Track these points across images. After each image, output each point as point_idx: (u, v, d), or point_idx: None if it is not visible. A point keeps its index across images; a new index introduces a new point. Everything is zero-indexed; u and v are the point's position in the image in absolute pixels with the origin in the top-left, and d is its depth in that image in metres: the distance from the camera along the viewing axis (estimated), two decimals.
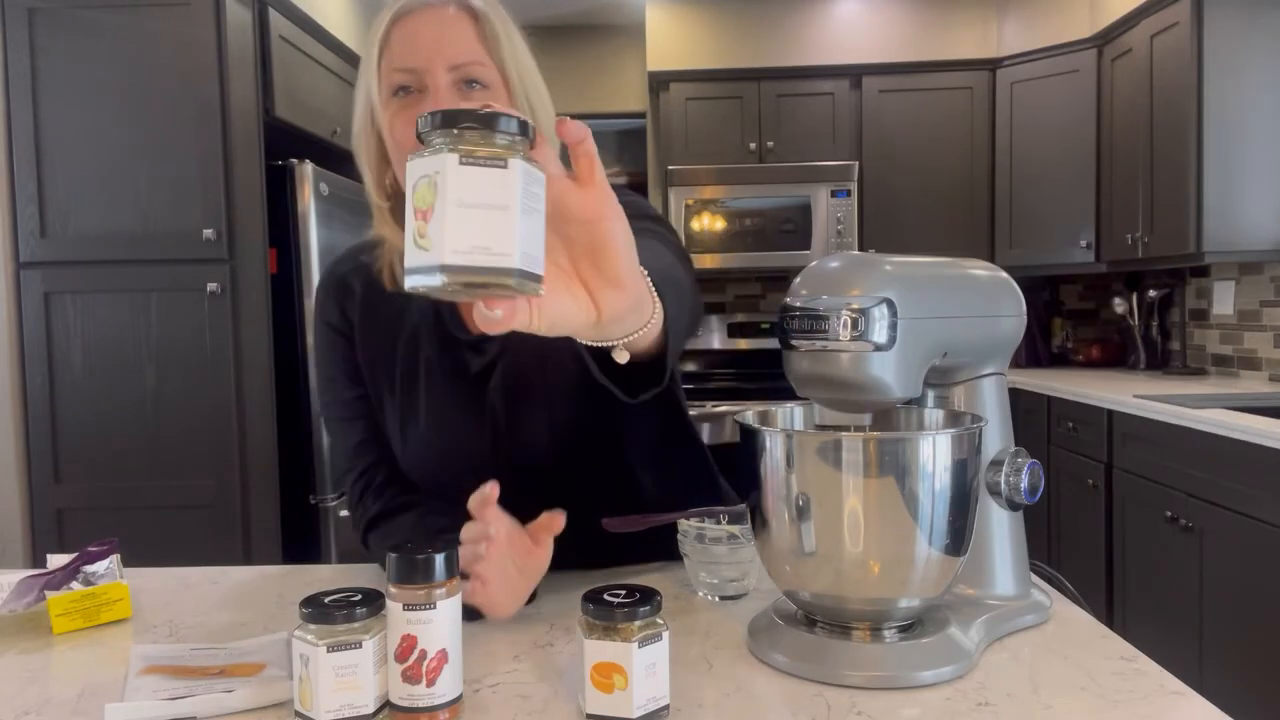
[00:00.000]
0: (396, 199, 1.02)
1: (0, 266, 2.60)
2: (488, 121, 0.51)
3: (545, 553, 0.88)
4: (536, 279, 0.53)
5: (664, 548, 1.04)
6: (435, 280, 0.50)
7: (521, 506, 1.02)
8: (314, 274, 2.85)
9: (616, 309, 0.59)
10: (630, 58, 4.48)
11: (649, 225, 0.95)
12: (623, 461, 1.08)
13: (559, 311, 0.56)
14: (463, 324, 1.06)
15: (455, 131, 0.51)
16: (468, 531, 0.86)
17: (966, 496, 0.77)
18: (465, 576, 0.84)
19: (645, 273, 0.65)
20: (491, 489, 0.85)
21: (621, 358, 0.68)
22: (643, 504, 1.04)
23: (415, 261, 0.51)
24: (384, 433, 1.10)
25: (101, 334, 2.64)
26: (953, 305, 0.84)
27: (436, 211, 0.50)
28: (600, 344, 0.66)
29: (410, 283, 0.52)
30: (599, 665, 0.67)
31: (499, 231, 0.50)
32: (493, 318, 0.53)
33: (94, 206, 2.61)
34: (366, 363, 1.10)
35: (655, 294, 0.67)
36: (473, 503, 0.86)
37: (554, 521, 0.88)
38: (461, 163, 0.50)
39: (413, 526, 1.04)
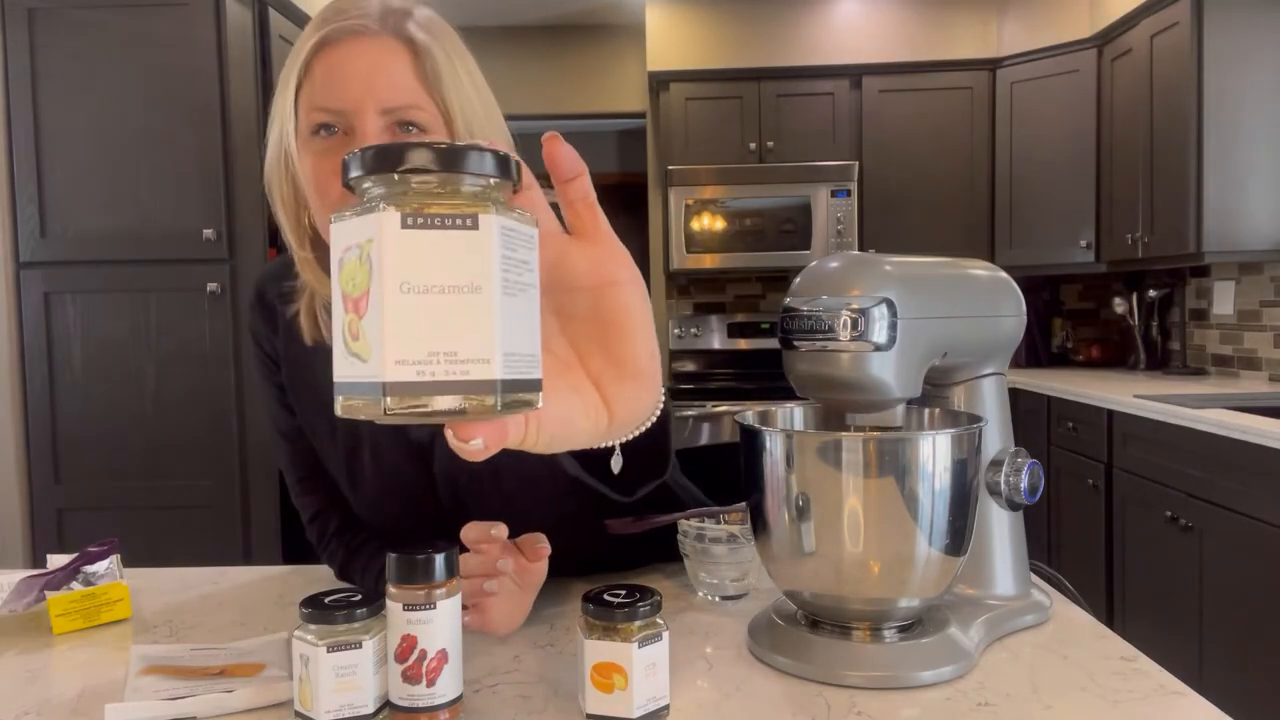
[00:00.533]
0: (319, 248, 0.87)
1: (0, 266, 2.60)
2: (448, 160, 0.35)
3: (542, 565, 0.83)
4: (531, 387, 0.37)
5: (663, 552, 1.03)
6: (376, 406, 0.35)
7: (515, 523, 1.00)
8: None
9: (634, 408, 0.44)
10: (630, 58, 4.48)
11: None
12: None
13: (562, 421, 0.41)
14: None
15: (396, 177, 0.35)
16: (467, 566, 0.79)
17: (966, 496, 0.77)
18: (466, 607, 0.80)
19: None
20: (498, 530, 0.78)
21: (618, 465, 0.58)
22: (627, 553, 1.00)
23: (347, 374, 0.36)
24: (324, 472, 1.02)
25: (101, 334, 2.64)
26: (953, 305, 0.84)
27: (372, 300, 0.34)
28: (611, 442, 0.54)
29: (343, 405, 0.37)
30: (599, 665, 0.67)
31: (469, 326, 0.34)
32: (471, 449, 0.37)
33: (94, 206, 2.61)
34: (300, 412, 0.99)
35: (662, 398, 0.54)
36: (470, 536, 0.79)
37: (536, 555, 0.82)
38: (406, 225, 0.34)
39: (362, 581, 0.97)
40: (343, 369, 0.36)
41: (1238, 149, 2.98)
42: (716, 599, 0.96)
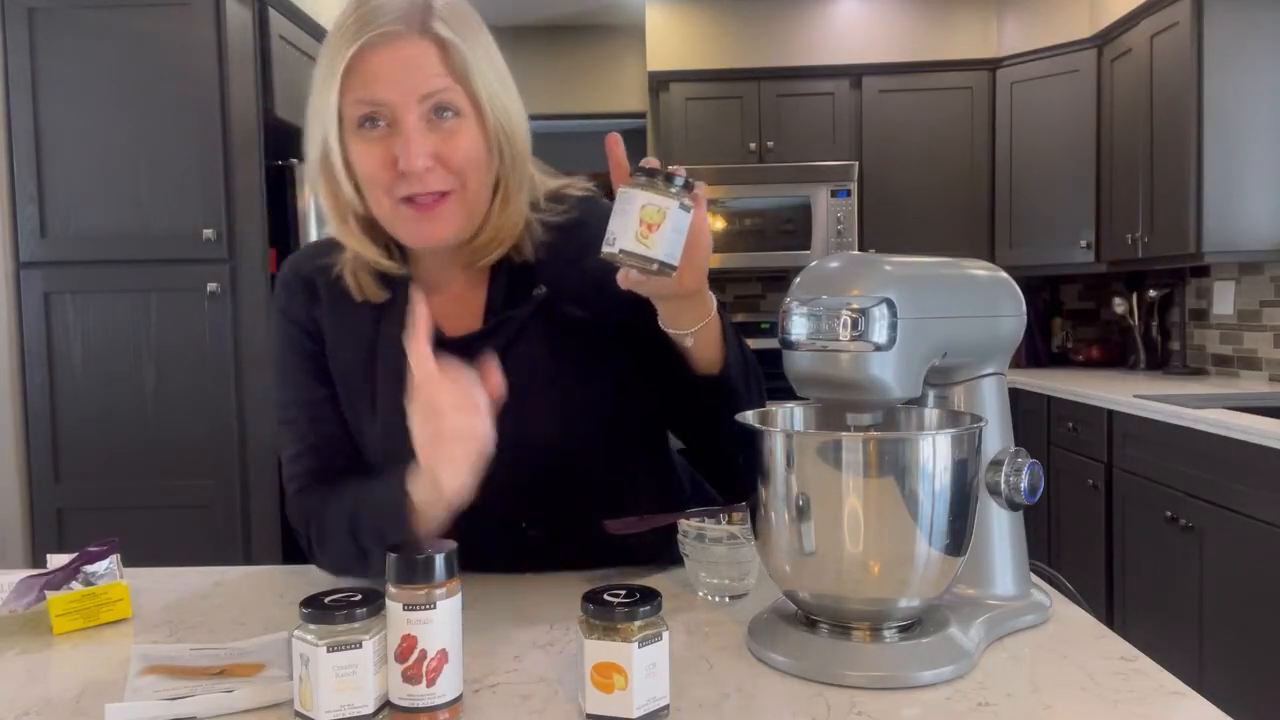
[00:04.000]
0: (364, 223, 0.99)
1: (0, 266, 2.60)
2: (669, 179, 0.82)
3: (487, 422, 0.82)
4: (673, 269, 0.83)
5: (664, 550, 1.04)
6: (651, 265, 0.81)
7: (520, 509, 1.02)
8: None
9: (691, 285, 0.87)
10: (630, 58, 4.48)
11: None
12: (619, 469, 1.07)
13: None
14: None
15: (678, 187, 0.82)
16: (414, 409, 0.82)
17: (966, 496, 0.77)
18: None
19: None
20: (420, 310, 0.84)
21: (686, 342, 0.92)
22: (637, 505, 1.03)
23: (634, 248, 0.81)
24: (339, 442, 1.04)
25: (101, 334, 2.64)
26: (953, 305, 0.84)
27: (662, 228, 0.81)
28: (676, 332, 0.92)
29: (621, 257, 0.82)
30: (599, 665, 0.67)
31: (672, 243, 0.82)
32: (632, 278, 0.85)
33: (94, 206, 2.61)
34: (340, 373, 1.04)
35: (714, 303, 0.92)
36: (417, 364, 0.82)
37: (490, 373, 0.83)
38: (680, 207, 0.81)
39: (350, 512, 0.96)
40: (629, 245, 0.81)
41: (1238, 149, 2.98)
42: (716, 599, 0.96)
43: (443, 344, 0.95)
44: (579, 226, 1.02)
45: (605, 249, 0.83)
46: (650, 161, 0.83)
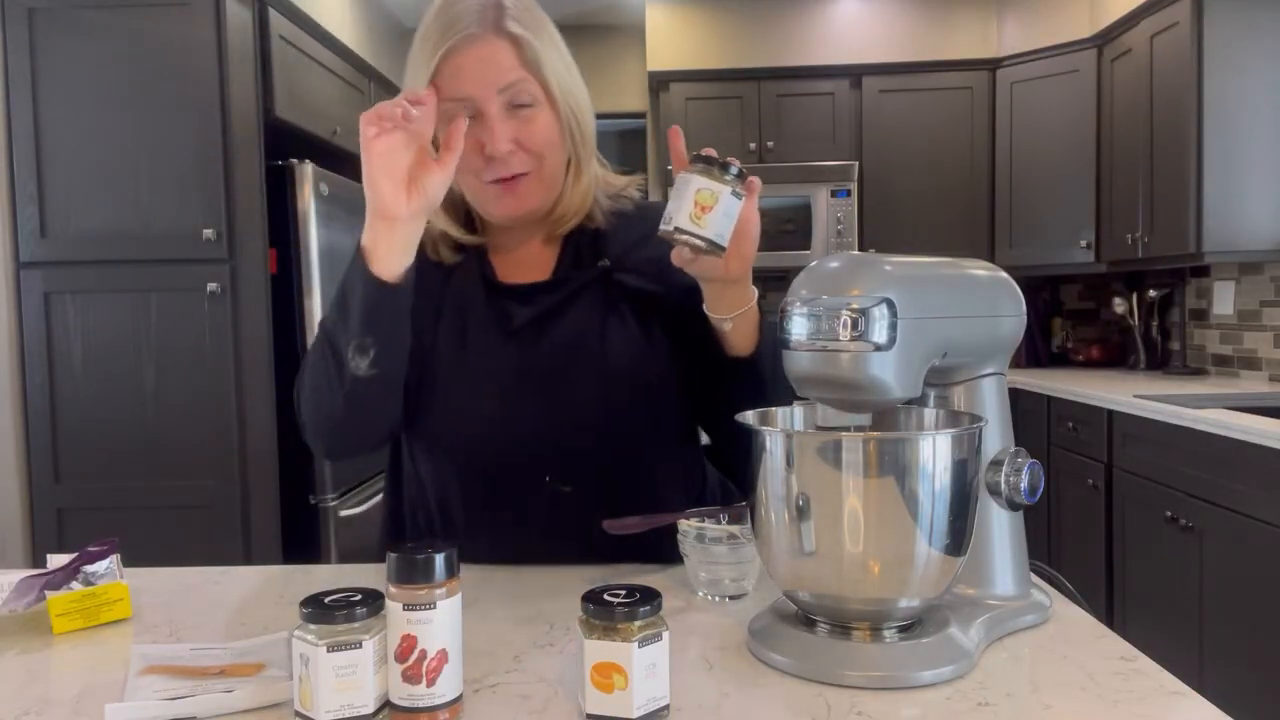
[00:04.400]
0: (449, 202, 1.09)
1: (0, 266, 2.60)
2: (724, 167, 0.91)
3: (445, 174, 0.94)
4: (722, 249, 0.92)
5: (665, 548, 1.04)
6: (701, 244, 0.90)
7: (551, 464, 1.07)
8: (314, 274, 2.85)
9: (736, 272, 0.97)
10: (630, 58, 4.48)
11: None
12: (652, 445, 1.12)
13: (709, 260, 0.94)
14: (495, 278, 1.11)
15: (731, 175, 0.90)
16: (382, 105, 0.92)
17: (966, 496, 0.77)
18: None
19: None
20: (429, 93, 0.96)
21: (725, 326, 1.02)
22: (661, 484, 1.12)
23: (687, 226, 0.89)
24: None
25: (101, 334, 2.64)
26: (953, 305, 0.84)
27: (714, 211, 0.89)
28: (717, 317, 1.02)
29: (676, 235, 0.90)
30: (599, 665, 0.67)
31: (724, 225, 0.91)
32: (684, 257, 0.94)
33: (94, 206, 2.61)
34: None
35: (756, 294, 1.03)
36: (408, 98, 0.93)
37: (454, 135, 0.95)
38: (733, 193, 0.90)
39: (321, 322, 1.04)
40: (684, 224, 0.90)
41: (1238, 149, 2.98)
42: (716, 599, 0.96)
43: (505, 291, 1.10)
44: (640, 219, 1.14)
45: (662, 227, 0.91)
46: (709, 151, 0.91)
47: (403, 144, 0.92)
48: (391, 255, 0.96)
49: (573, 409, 1.06)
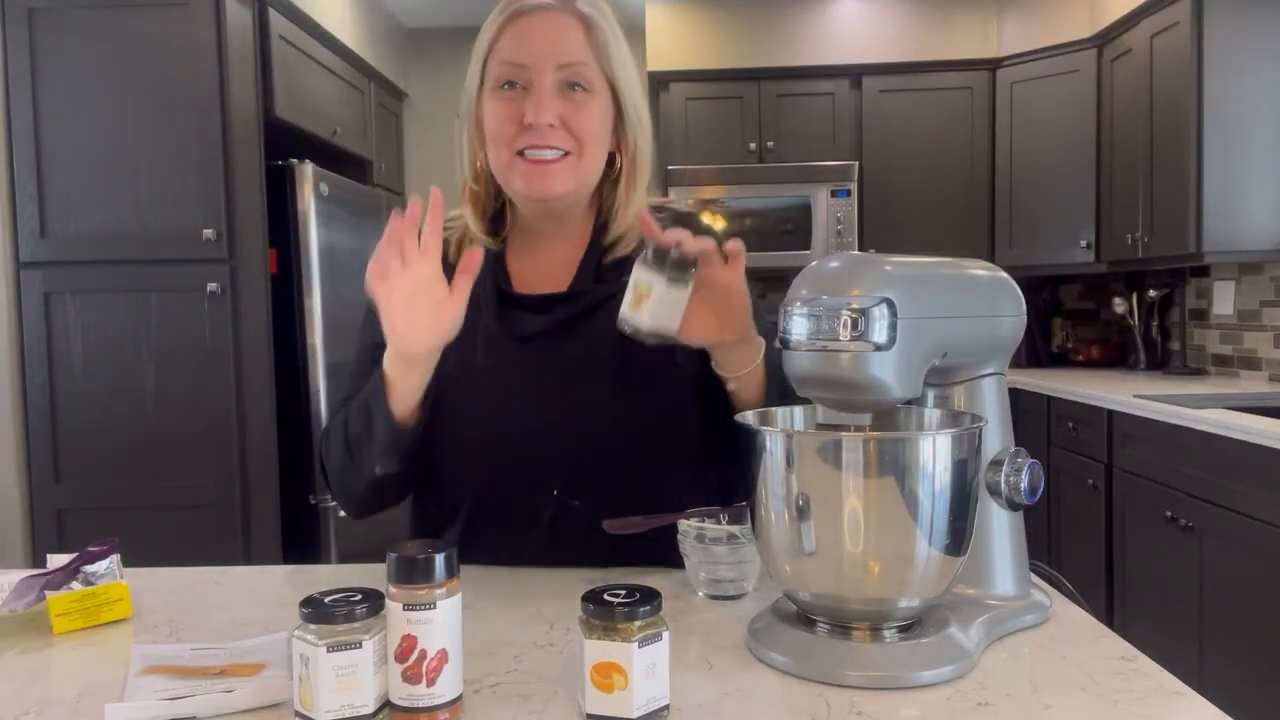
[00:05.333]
0: (483, 181, 1.10)
1: (0, 266, 2.60)
2: (662, 256, 0.91)
3: (460, 304, 0.92)
4: (666, 337, 0.93)
5: (665, 549, 1.04)
6: (641, 332, 0.92)
7: (556, 476, 1.06)
8: (314, 274, 2.85)
9: (725, 338, 0.96)
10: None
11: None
12: (660, 464, 1.09)
13: (696, 327, 0.94)
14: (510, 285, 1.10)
15: (666, 265, 0.90)
16: (383, 244, 0.89)
17: (966, 496, 0.77)
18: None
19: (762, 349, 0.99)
20: (414, 206, 0.90)
21: (731, 385, 0.99)
22: (698, 485, 1.09)
23: (625, 314, 0.92)
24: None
25: (101, 334, 2.64)
26: (953, 305, 0.84)
27: (650, 300, 0.90)
28: (721, 374, 0.99)
29: (620, 323, 0.92)
30: (599, 665, 0.67)
31: (666, 315, 0.92)
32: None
33: (94, 206, 2.61)
34: None
35: (761, 352, 0.99)
36: (396, 222, 0.89)
37: (471, 261, 0.92)
38: (669, 281, 0.90)
39: (344, 416, 1.04)
40: (626, 314, 0.92)
41: (1238, 149, 2.98)
42: (716, 599, 0.96)
43: (519, 301, 1.08)
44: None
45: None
46: (666, 238, 0.90)
47: (413, 289, 0.90)
48: (411, 395, 0.97)
49: (581, 424, 1.05)
